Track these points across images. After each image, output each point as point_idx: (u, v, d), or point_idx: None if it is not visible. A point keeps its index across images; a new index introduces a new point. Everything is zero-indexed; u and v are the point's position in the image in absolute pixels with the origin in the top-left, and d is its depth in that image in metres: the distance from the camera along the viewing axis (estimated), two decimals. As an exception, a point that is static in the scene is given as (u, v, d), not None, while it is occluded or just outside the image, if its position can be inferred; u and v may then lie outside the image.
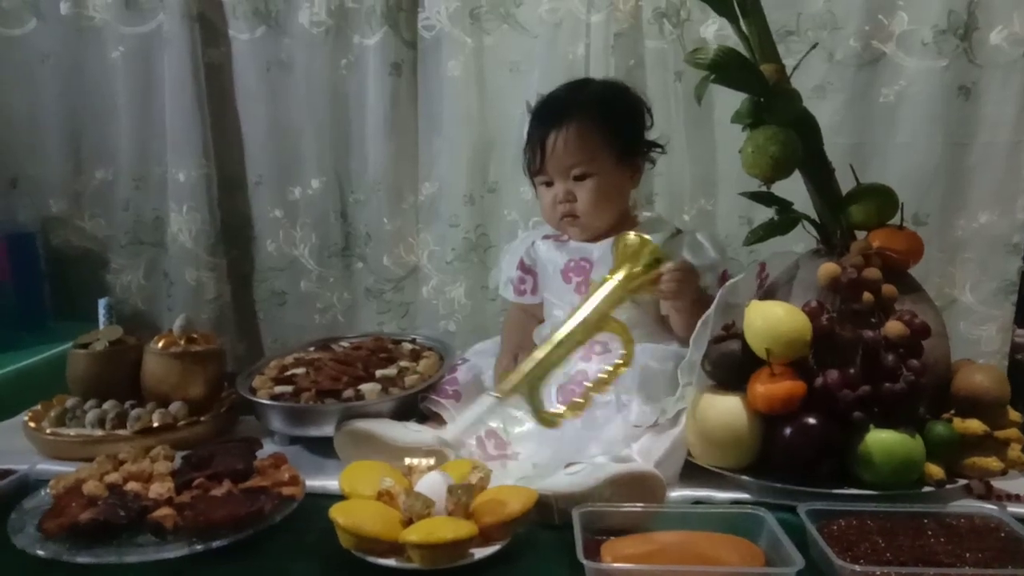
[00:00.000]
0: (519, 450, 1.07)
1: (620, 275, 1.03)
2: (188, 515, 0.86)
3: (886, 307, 0.98)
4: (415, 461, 0.93)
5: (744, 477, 0.97)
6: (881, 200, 1.06)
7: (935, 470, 0.94)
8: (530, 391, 0.89)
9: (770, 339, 0.96)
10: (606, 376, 0.96)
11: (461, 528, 0.82)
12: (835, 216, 1.07)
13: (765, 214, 1.13)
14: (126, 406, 1.12)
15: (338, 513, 0.84)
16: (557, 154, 1.11)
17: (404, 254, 1.53)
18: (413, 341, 1.34)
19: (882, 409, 0.94)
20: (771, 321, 0.97)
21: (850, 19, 1.33)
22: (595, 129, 1.11)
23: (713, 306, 1.00)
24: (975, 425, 0.96)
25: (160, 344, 1.15)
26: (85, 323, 1.28)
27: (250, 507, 0.87)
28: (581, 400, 0.94)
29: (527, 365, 0.90)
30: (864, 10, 1.32)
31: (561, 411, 0.92)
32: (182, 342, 1.16)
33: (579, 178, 1.12)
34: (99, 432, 1.09)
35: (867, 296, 0.98)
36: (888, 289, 0.98)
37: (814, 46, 1.21)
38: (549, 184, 1.15)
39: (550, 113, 1.14)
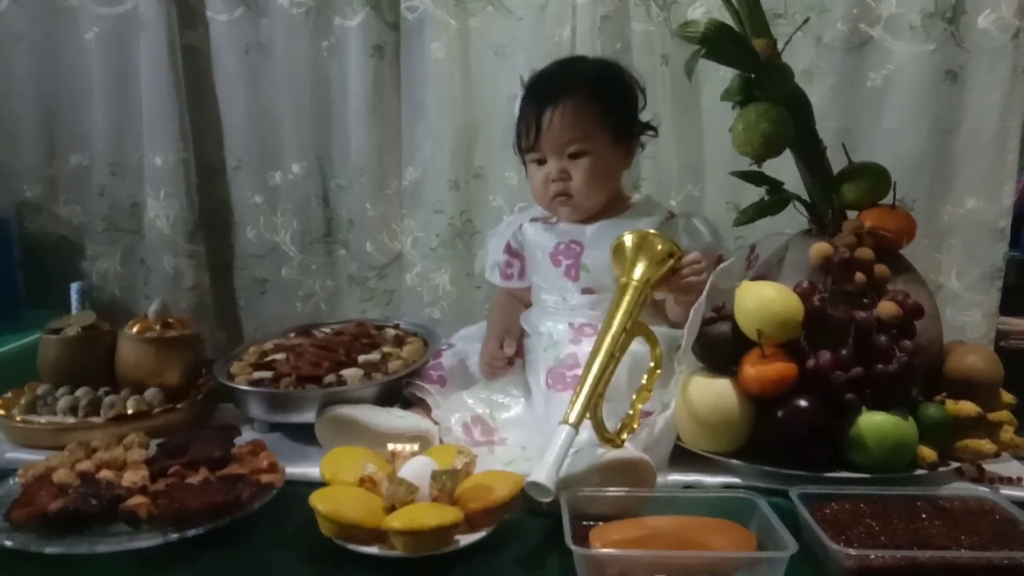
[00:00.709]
0: (506, 436, 1.05)
1: (638, 275, 0.98)
2: (163, 503, 0.84)
3: (879, 287, 0.97)
4: (399, 447, 0.91)
5: (735, 461, 0.96)
6: (874, 179, 1.05)
7: (928, 453, 0.94)
8: (593, 414, 0.89)
9: (761, 320, 0.95)
10: (645, 383, 0.94)
11: (446, 514, 0.80)
12: (827, 195, 1.06)
13: (753, 200, 1.11)
14: (99, 393, 1.09)
15: (318, 500, 0.81)
16: (553, 130, 1.08)
17: (388, 240, 1.50)
18: (396, 327, 1.33)
19: (875, 391, 0.93)
20: (762, 302, 0.96)
21: (838, 2, 1.31)
22: (592, 107, 1.09)
23: (704, 293, 0.99)
24: (968, 407, 0.96)
25: (135, 329, 1.13)
26: (60, 311, 1.24)
27: (227, 495, 0.85)
28: (631, 413, 0.92)
29: (582, 392, 0.89)
30: (852, -8, 1.31)
31: (619, 429, 0.91)
32: (157, 327, 1.13)
33: (574, 156, 1.09)
34: (71, 419, 1.06)
35: (859, 276, 0.97)
36: (880, 269, 0.97)
37: (806, 20, 1.20)
38: (542, 162, 1.12)
39: (547, 89, 1.11)
